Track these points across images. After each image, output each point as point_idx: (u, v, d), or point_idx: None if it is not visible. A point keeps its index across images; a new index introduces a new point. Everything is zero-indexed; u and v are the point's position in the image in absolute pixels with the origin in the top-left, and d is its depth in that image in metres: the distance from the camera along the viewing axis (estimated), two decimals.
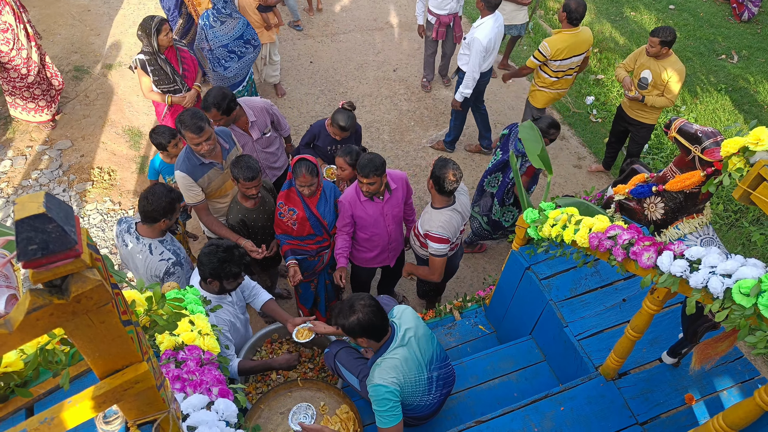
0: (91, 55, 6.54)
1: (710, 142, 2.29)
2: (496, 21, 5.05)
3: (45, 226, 0.86)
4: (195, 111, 3.35)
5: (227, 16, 4.76)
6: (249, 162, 3.32)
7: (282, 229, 3.66)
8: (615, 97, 7.05)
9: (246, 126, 4.01)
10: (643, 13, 8.55)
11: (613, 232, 2.43)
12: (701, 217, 2.45)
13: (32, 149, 5.53)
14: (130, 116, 5.96)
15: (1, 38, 4.96)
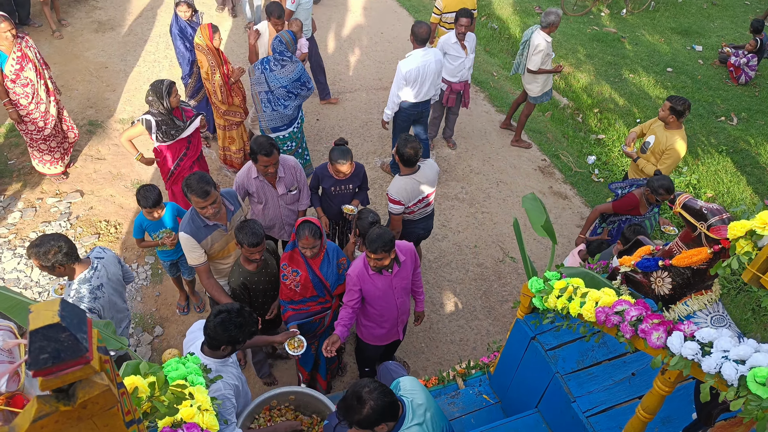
0: (106, 110, 6.70)
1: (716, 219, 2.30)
2: (425, 54, 5.43)
3: (58, 336, 0.86)
4: (202, 175, 3.40)
5: (288, 60, 5.07)
6: (254, 228, 3.34)
7: (285, 294, 3.65)
8: (617, 156, 7.14)
9: (273, 180, 4.09)
10: (641, 75, 8.76)
11: (621, 307, 2.41)
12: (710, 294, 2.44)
13: (42, 201, 5.59)
14: (139, 170, 6.04)
15: (22, 93, 5.11)
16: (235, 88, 5.48)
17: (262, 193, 4.18)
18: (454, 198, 6.26)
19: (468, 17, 5.77)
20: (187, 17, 5.63)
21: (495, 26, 9.76)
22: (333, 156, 4.11)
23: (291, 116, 5.34)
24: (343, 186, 4.37)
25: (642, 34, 9.98)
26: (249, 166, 4.10)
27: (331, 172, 4.25)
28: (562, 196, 6.52)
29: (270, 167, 3.89)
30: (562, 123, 7.72)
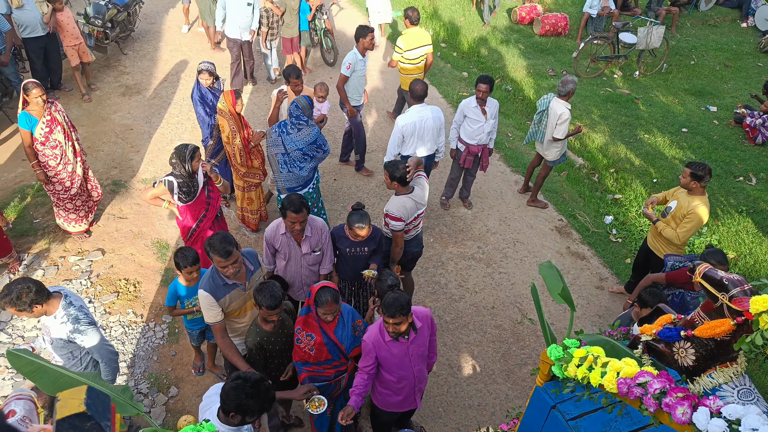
0: (129, 170, 6.91)
1: (738, 290, 2.27)
2: (421, 110, 5.71)
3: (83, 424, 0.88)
4: (225, 235, 3.46)
5: (303, 124, 5.23)
6: (273, 290, 3.37)
7: (299, 356, 3.63)
8: (634, 216, 7.12)
9: (300, 238, 4.16)
10: (656, 135, 8.83)
11: (643, 378, 2.35)
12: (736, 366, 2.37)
13: (65, 259, 5.70)
14: (159, 229, 6.15)
15: (51, 154, 5.32)
16: (254, 151, 5.64)
17: (287, 250, 4.24)
18: (470, 258, 6.25)
19: (486, 83, 5.89)
20: (208, 84, 5.87)
21: (509, 88, 9.98)
22: (351, 220, 4.16)
23: (306, 177, 5.46)
24: (358, 248, 4.40)
25: (656, 95, 10.13)
26: (278, 222, 4.20)
27: (348, 235, 4.29)
28: (579, 257, 6.48)
29: (297, 224, 3.97)
30: (578, 183, 7.76)
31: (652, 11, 11.96)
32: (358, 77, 6.63)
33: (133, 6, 9.43)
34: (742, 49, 11.80)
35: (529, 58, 10.93)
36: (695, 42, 11.89)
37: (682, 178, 4.84)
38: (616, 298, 5.95)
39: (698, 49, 11.63)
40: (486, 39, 11.41)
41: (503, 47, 11.19)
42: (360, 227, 4.12)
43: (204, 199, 4.80)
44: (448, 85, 9.64)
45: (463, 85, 9.79)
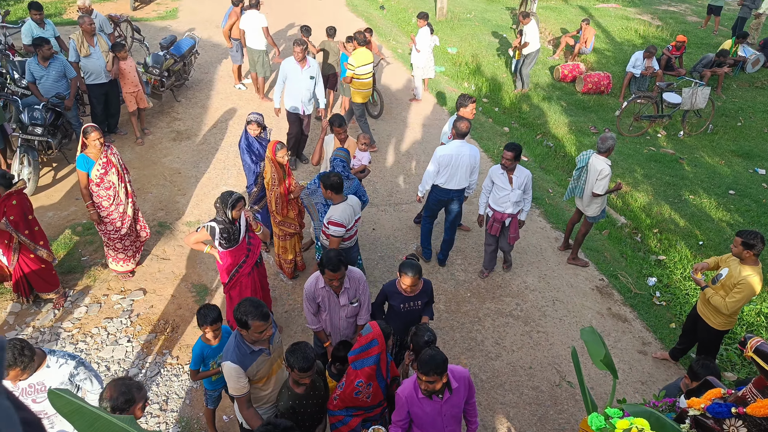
0: (175, 212, 7.13)
1: None
2: (461, 146, 5.97)
3: None
4: (256, 300, 3.42)
5: (344, 178, 5.37)
6: (306, 351, 3.32)
7: (353, 403, 3.63)
8: (679, 279, 6.90)
9: (338, 290, 4.17)
10: (702, 197, 8.63)
11: None
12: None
13: (108, 297, 5.85)
14: (200, 272, 6.28)
15: (105, 195, 5.55)
16: (292, 202, 5.76)
17: (327, 302, 4.27)
18: (508, 315, 6.14)
19: (512, 151, 5.68)
20: (256, 134, 6.09)
21: (550, 144, 10.00)
22: (401, 267, 4.19)
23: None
24: (412, 303, 4.38)
25: (701, 155, 9.97)
26: (316, 276, 4.23)
27: (400, 289, 4.27)
28: (621, 319, 6.28)
29: (335, 281, 4.05)
30: (620, 242, 7.60)
31: (697, 72, 11.92)
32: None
33: (189, 57, 9.95)
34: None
35: (571, 115, 10.96)
36: (742, 104, 11.73)
37: (734, 247, 4.70)
38: (660, 365, 5.71)
39: (745, 110, 11.46)
40: (528, 95, 11.53)
41: (545, 104, 11.28)
42: (407, 274, 4.12)
43: (245, 245, 4.89)
44: (489, 140, 9.72)
45: (504, 140, 9.85)
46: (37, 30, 8.26)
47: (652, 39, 14.23)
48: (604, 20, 15.43)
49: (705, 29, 15.10)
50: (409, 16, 14.84)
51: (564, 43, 13.32)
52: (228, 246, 4.77)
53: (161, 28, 12.57)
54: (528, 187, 5.96)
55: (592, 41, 12.98)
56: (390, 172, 8.41)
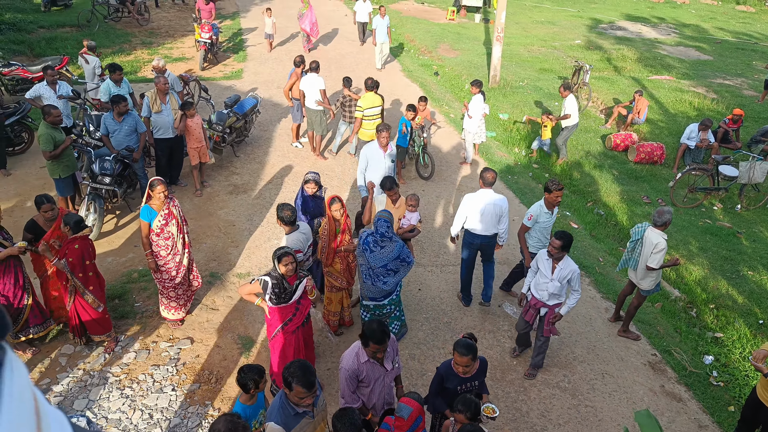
0: (227, 263, 7.35)
1: None
2: (486, 195, 6.43)
3: None
4: (307, 365, 3.40)
5: (387, 240, 5.47)
6: (353, 418, 3.32)
7: None
8: (738, 359, 6.54)
9: (382, 359, 4.12)
10: (762, 273, 8.27)
11: None
12: None
13: (156, 344, 6.01)
14: (247, 324, 6.39)
15: (163, 245, 5.80)
16: (341, 255, 5.86)
17: (372, 375, 4.15)
18: (555, 386, 5.94)
19: (560, 240, 5.35)
20: (313, 192, 6.30)
21: (602, 212, 9.87)
22: (457, 347, 4.07)
23: (389, 290, 5.63)
24: (469, 383, 4.26)
25: (760, 230, 9.62)
26: (356, 351, 4.09)
27: (456, 370, 4.15)
28: (676, 398, 5.97)
29: (380, 353, 4.00)
30: (674, 316, 7.32)
31: (756, 146, 11.66)
32: (541, 228, 6.42)
33: (251, 115, 10.49)
34: None
35: (622, 184, 10.85)
36: None
37: None
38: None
39: None
40: (579, 163, 11.52)
41: (596, 171, 11.22)
42: (461, 354, 4.01)
43: (293, 305, 4.97)
44: None
45: None
46: (114, 88, 8.91)
47: (706, 111, 14.09)
48: (658, 92, 15.43)
49: (762, 103, 14.86)
50: (462, 82, 15.25)
51: (616, 113, 13.34)
52: (277, 302, 4.86)
53: (226, 87, 13.33)
54: (575, 282, 5.55)
55: (645, 112, 12.96)
56: (438, 233, 8.46)
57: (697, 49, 20.41)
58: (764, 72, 15.20)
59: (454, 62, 16.92)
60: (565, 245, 5.42)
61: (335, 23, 20.36)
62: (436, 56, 17.56)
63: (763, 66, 16.79)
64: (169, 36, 17.23)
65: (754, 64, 18.66)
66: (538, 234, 6.43)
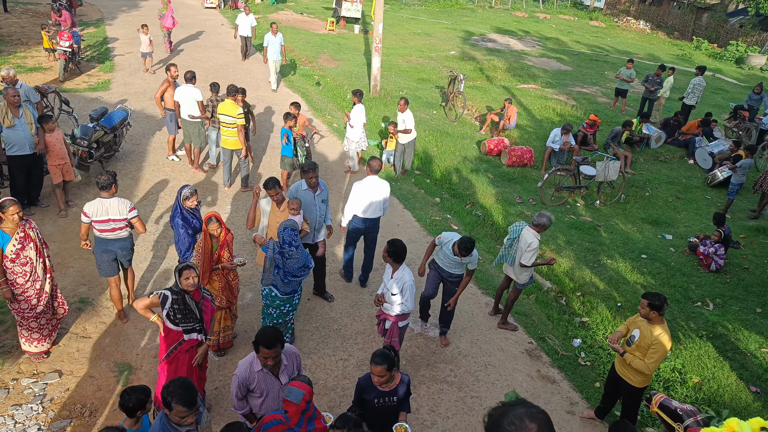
0: (98, 287, 6.85)
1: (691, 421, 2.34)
2: (372, 181, 7.02)
3: None
4: (187, 382, 3.32)
5: (293, 250, 5.51)
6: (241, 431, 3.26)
7: None
8: (602, 339, 7.21)
9: (277, 371, 4.05)
10: (618, 261, 9.19)
11: None
12: None
13: (17, 382, 5.45)
14: (124, 350, 6.00)
15: (20, 271, 5.29)
16: (219, 274, 5.67)
17: (264, 386, 4.09)
18: (443, 381, 6.18)
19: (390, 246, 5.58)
20: (193, 206, 6.09)
21: (479, 213, 10.44)
22: (373, 358, 4.05)
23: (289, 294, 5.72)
24: (387, 398, 4.21)
25: (616, 223, 10.68)
26: (251, 360, 4.07)
27: (374, 382, 4.14)
28: (550, 381, 6.45)
29: (270, 360, 3.93)
30: (547, 306, 7.92)
31: (609, 147, 12.93)
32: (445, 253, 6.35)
33: (121, 128, 9.88)
34: (691, 183, 12.70)
35: (497, 186, 11.55)
36: (649, 176, 12.78)
37: (641, 308, 5.00)
38: (587, 424, 5.87)
39: (652, 182, 12.47)
40: (458, 168, 12.10)
41: (473, 175, 11.85)
42: (376, 364, 3.99)
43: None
44: (422, 210, 10.05)
45: (435, 210, 10.22)
46: None
47: (568, 117, 15.40)
48: (525, 99, 16.63)
49: (614, 109, 16.53)
50: (344, 92, 15.44)
51: (489, 120, 14.19)
52: (177, 322, 4.61)
53: (92, 99, 12.45)
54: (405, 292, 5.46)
55: (515, 118, 13.91)
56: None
57: (558, 60, 22.29)
58: (614, 81, 16.90)
59: (335, 72, 17.10)
60: (393, 252, 5.44)
61: (212, 33, 19.79)
62: (317, 66, 17.64)
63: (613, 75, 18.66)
64: (21, 44, 15.76)
65: (606, 74, 20.72)
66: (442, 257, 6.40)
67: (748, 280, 9.03)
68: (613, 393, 5.64)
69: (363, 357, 6.36)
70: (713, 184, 12.54)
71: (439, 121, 14.52)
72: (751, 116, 15.14)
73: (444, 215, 10.04)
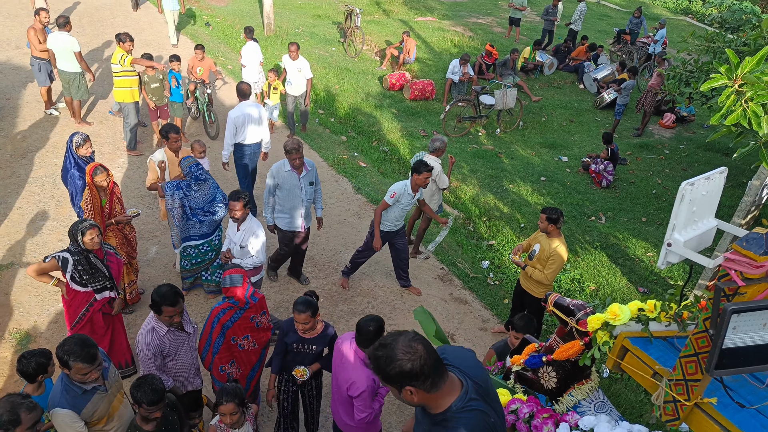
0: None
1: (582, 314, 2.55)
2: (245, 106, 6.97)
3: None
4: (83, 338, 3.13)
5: (202, 182, 5.51)
6: (154, 383, 3.14)
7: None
8: (508, 260, 7.64)
9: (181, 325, 3.88)
10: (520, 185, 9.66)
11: (514, 406, 2.53)
12: (590, 382, 2.63)
13: None
14: (19, 318, 5.60)
15: None
16: (114, 229, 5.38)
17: (175, 346, 3.89)
18: (361, 313, 6.31)
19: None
20: (87, 154, 5.71)
21: (386, 149, 10.49)
22: (295, 305, 3.89)
23: (207, 231, 5.68)
24: (306, 345, 4.07)
25: (516, 149, 11.14)
26: (151, 326, 3.78)
27: (297, 329, 3.96)
28: (462, 302, 6.79)
29: (176, 317, 3.71)
30: (456, 233, 8.22)
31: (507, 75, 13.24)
32: (401, 208, 6.07)
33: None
34: (582, 106, 13.42)
35: (402, 121, 11.60)
36: (544, 102, 13.34)
37: (540, 223, 5.32)
38: (499, 337, 6.28)
39: (547, 108, 13.04)
40: (361, 105, 11.99)
41: (378, 111, 11.81)
42: (299, 311, 3.84)
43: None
44: (328, 149, 9.94)
45: (343, 149, 10.14)
46: None
47: (466, 48, 15.57)
48: (423, 32, 16.57)
49: (509, 38, 16.89)
50: (236, 32, 14.62)
51: (389, 54, 14.06)
52: (85, 283, 4.34)
53: None
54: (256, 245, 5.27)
55: (414, 51, 13.87)
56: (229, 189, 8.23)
57: None
58: (508, 11, 17.19)
59: (225, 11, 16.11)
60: (247, 203, 5.11)
61: None
62: (205, 6, 16.50)
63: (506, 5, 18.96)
64: None
65: (500, 4, 21.00)
66: (396, 213, 6.10)
67: (634, 193, 9.83)
68: (519, 306, 6.04)
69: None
70: (602, 107, 13.32)
71: (338, 58, 14.20)
72: (633, 39, 16.05)
73: (351, 153, 10.01)
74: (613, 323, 2.16)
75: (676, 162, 11.28)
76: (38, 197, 7.42)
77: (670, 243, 2.18)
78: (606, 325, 2.20)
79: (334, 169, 9.25)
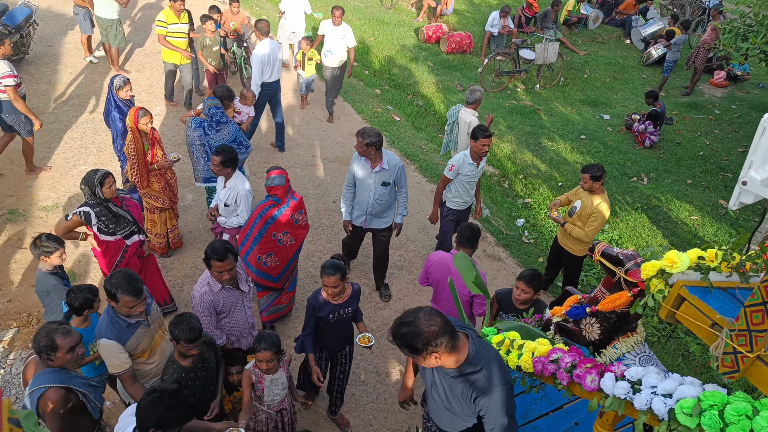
0: (27, 197, 6.46)
1: (631, 264, 2.47)
2: (267, 44, 7.09)
3: None
4: (130, 272, 3.21)
5: (223, 124, 5.52)
6: (191, 322, 3.20)
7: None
8: (543, 218, 7.51)
9: (234, 283, 3.84)
10: (558, 143, 9.41)
11: (555, 355, 2.50)
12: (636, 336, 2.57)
13: None
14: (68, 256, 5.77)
15: None
16: (156, 174, 5.43)
17: (229, 303, 3.87)
18: (392, 266, 6.33)
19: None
20: (128, 97, 5.77)
21: (421, 104, 10.30)
22: (324, 269, 3.76)
23: None
24: (342, 310, 3.97)
25: (555, 106, 10.81)
26: (206, 282, 3.76)
27: (326, 297, 3.88)
28: (495, 258, 6.74)
29: (225, 273, 3.64)
30: (491, 189, 8.10)
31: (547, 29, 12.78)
32: (463, 182, 5.55)
33: (26, 28, 8.90)
34: (627, 63, 12.88)
35: (437, 75, 11.34)
36: (587, 57, 12.83)
37: (583, 183, 5.16)
38: None
39: (590, 63, 12.56)
40: (396, 58, 11.74)
41: (413, 65, 11.56)
42: (329, 274, 3.72)
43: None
44: (362, 102, 9.81)
45: (377, 102, 10.00)
46: None
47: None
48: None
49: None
50: None
51: (426, 6, 13.66)
52: (111, 230, 4.41)
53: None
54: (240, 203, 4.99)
55: (452, 3, 13.44)
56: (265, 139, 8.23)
57: None
58: None
59: None
60: (225, 161, 4.74)
61: None
62: None
63: None
64: None
65: None
66: (460, 188, 5.60)
67: (680, 155, 9.49)
68: (556, 264, 5.96)
69: (312, 249, 6.40)
70: (649, 63, 12.76)
71: (374, 9, 13.86)
72: None
73: (385, 107, 9.86)
74: (670, 271, 2.09)
75: (726, 123, 10.79)
76: (80, 142, 7.55)
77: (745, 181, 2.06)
78: (662, 272, 2.13)
79: (368, 122, 9.14)
